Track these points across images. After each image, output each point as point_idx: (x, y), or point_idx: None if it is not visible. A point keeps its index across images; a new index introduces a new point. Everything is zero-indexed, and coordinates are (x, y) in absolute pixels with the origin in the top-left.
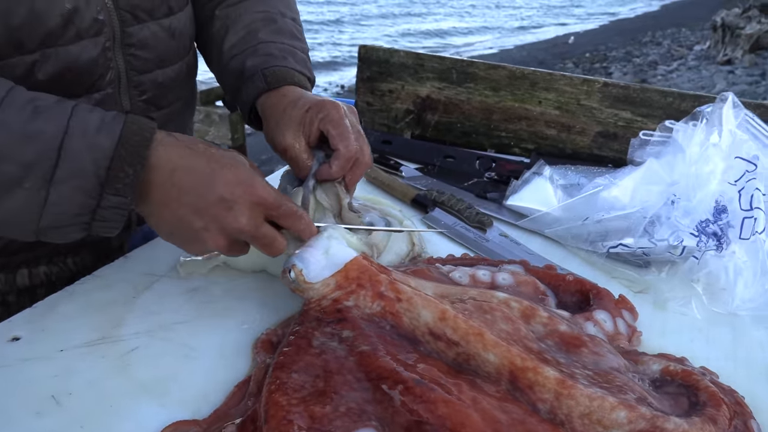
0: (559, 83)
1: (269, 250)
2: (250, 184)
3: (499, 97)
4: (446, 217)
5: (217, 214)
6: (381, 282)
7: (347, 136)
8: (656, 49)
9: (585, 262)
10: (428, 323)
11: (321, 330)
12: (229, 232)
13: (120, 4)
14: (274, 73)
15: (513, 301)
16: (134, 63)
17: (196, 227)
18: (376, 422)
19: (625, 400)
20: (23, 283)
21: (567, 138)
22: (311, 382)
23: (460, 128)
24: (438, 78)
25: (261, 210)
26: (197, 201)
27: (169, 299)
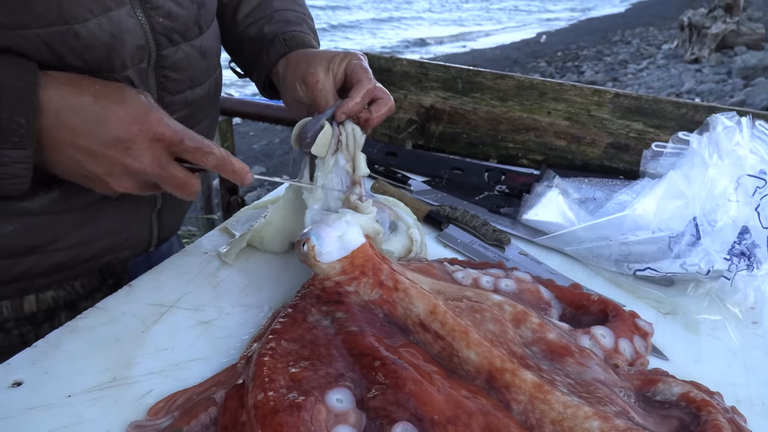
0: (569, 93)
1: (182, 191)
2: (146, 120)
3: (507, 107)
4: (462, 235)
5: (116, 157)
6: (382, 271)
7: (370, 75)
8: (626, 48)
9: (609, 282)
10: (420, 314)
11: (318, 308)
12: (133, 173)
13: (157, 28)
14: (293, 37)
15: (507, 304)
16: (166, 84)
17: (98, 172)
18: (350, 384)
19: (602, 411)
20: (30, 309)
21: (577, 149)
22: (298, 351)
23: (466, 139)
24: (443, 87)
25: (162, 147)
26: (92, 144)
27: (181, 333)
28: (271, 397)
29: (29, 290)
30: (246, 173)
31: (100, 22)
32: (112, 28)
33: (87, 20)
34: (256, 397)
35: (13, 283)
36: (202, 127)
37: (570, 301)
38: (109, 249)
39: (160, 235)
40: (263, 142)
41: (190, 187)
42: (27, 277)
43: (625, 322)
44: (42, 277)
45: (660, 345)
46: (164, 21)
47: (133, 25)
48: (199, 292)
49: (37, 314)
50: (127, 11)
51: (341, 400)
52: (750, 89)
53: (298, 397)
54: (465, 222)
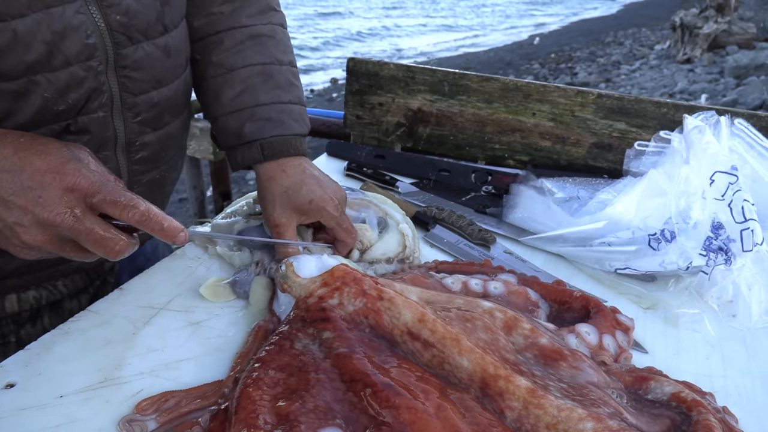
0: (553, 95)
1: (102, 249)
2: (61, 170)
3: (493, 109)
4: (448, 235)
5: (26, 206)
6: (364, 281)
7: (350, 230)
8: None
9: (591, 279)
10: (407, 323)
11: (304, 331)
12: (43, 224)
13: (113, 26)
14: (271, 144)
15: (498, 311)
16: (128, 85)
17: (9, 222)
18: (341, 421)
19: (595, 413)
20: (12, 309)
21: (562, 149)
22: (285, 380)
23: (453, 141)
24: (429, 90)
25: (77, 197)
26: (3, 192)
27: (171, 334)
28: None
29: (8, 290)
30: (177, 232)
31: (38, 17)
32: (54, 25)
33: (24, 16)
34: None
35: None
36: (172, 128)
37: (554, 297)
38: None
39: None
40: None
41: (111, 243)
42: (1, 277)
43: (606, 317)
44: (14, 278)
45: (641, 339)
46: (121, 18)
47: (80, 22)
48: (189, 294)
49: (21, 314)
50: (76, 8)
51: None
52: (742, 88)
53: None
54: (451, 222)
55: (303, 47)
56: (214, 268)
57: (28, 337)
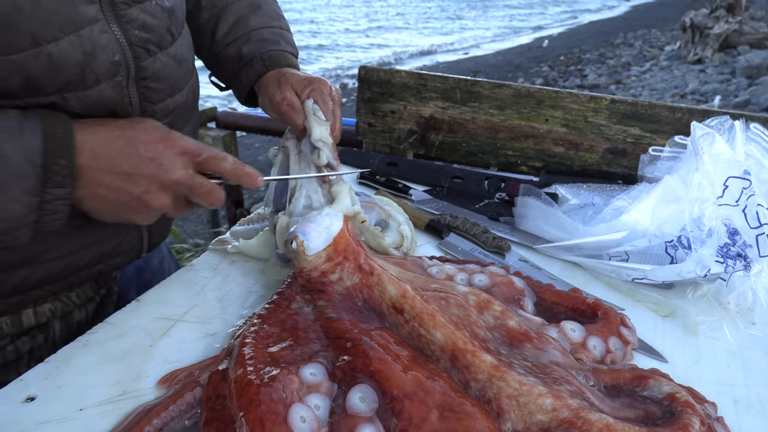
0: (566, 101)
1: (208, 198)
2: (168, 138)
3: (505, 115)
4: (462, 243)
5: (151, 173)
6: (360, 255)
7: (326, 108)
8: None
9: (608, 286)
10: (392, 297)
11: (302, 296)
12: (168, 186)
13: (133, 41)
14: (270, 57)
15: (471, 294)
16: (148, 95)
17: (137, 193)
18: (323, 360)
19: (555, 390)
20: (29, 323)
21: (575, 155)
22: (278, 333)
23: (466, 147)
24: (441, 97)
25: (188, 159)
26: (128, 168)
27: (188, 346)
28: (249, 372)
29: (26, 303)
30: (257, 175)
31: (71, 40)
32: (84, 46)
33: (58, 39)
34: (236, 372)
35: (9, 297)
36: (184, 132)
37: (567, 305)
38: (100, 257)
39: (151, 240)
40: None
41: (216, 192)
42: (22, 290)
43: (608, 323)
44: (37, 289)
45: (659, 347)
46: (140, 33)
47: (107, 41)
48: (206, 305)
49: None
50: (101, 27)
51: (314, 373)
52: (754, 88)
53: (273, 372)
54: (465, 230)
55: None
56: (230, 278)
57: (40, 348)
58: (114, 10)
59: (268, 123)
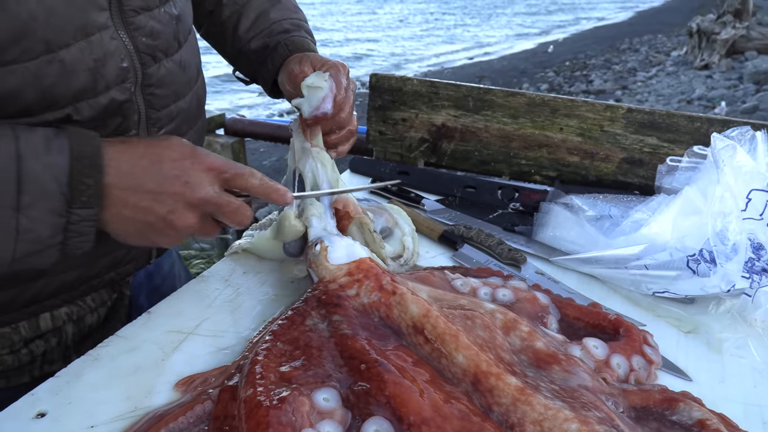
0: (581, 109)
1: (236, 217)
2: (195, 155)
3: (518, 124)
4: (477, 254)
5: (177, 192)
6: (383, 278)
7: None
8: (634, 56)
9: (627, 300)
10: (413, 317)
11: (317, 311)
12: (195, 205)
13: (140, 48)
14: (293, 41)
15: (499, 312)
16: (153, 101)
17: (162, 213)
18: (336, 383)
19: (583, 415)
20: (46, 327)
21: (590, 165)
22: (291, 352)
23: (478, 156)
24: (454, 106)
25: (215, 175)
26: (153, 186)
27: (200, 360)
28: (259, 392)
29: (41, 310)
30: (286, 192)
31: (81, 46)
32: (95, 52)
33: (70, 45)
34: (246, 392)
35: (26, 306)
36: (187, 137)
37: (588, 321)
38: (111, 265)
39: (159, 247)
40: (273, 158)
41: (244, 210)
42: (38, 300)
43: (630, 341)
44: (52, 298)
45: (683, 365)
46: (147, 40)
47: (115, 47)
48: (218, 318)
49: (65, 326)
50: (110, 34)
51: (328, 399)
52: (762, 94)
53: (283, 393)
54: (480, 241)
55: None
56: (242, 290)
57: (52, 351)
58: (123, 18)
59: (277, 130)
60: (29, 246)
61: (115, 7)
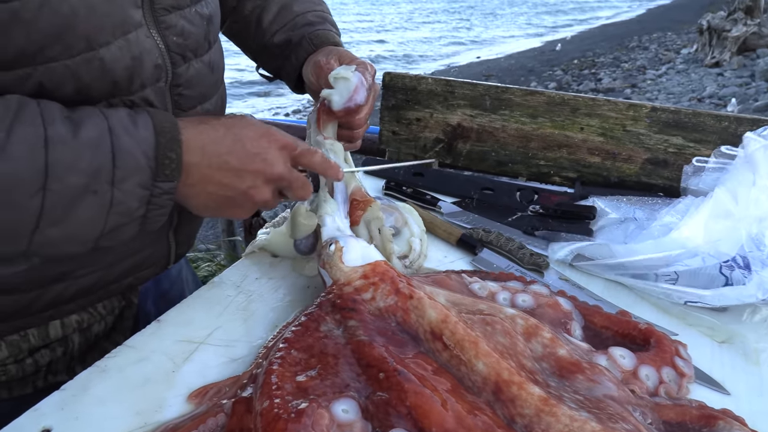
0: (603, 108)
1: (304, 192)
2: (270, 133)
3: (537, 123)
4: (497, 259)
5: (258, 169)
6: (400, 281)
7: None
8: (644, 54)
9: (656, 308)
10: (431, 322)
11: (332, 316)
12: (272, 181)
13: (171, 47)
14: (317, 35)
15: (519, 317)
16: (180, 102)
17: (243, 188)
18: (355, 393)
19: (611, 428)
20: (56, 335)
21: (612, 166)
22: (307, 360)
23: (495, 157)
24: (470, 105)
25: (287, 153)
26: (237, 164)
27: (213, 372)
28: (276, 404)
29: (55, 316)
30: (339, 168)
31: (120, 44)
32: (132, 50)
33: (109, 44)
34: (263, 404)
35: (42, 311)
36: None
37: (617, 330)
38: (130, 270)
39: (177, 251)
40: None
41: (309, 186)
42: (55, 305)
43: (661, 352)
44: (68, 303)
45: (719, 378)
46: (178, 39)
47: (150, 46)
48: (230, 327)
49: (72, 336)
50: (144, 32)
51: (347, 410)
52: None
53: (301, 405)
54: (500, 246)
55: None
56: (254, 297)
57: (57, 361)
58: (154, 16)
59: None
60: (118, 219)
61: (147, 4)
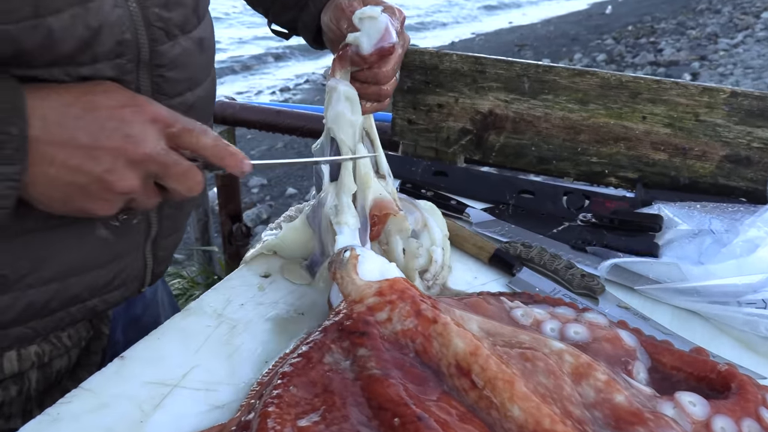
0: (670, 93)
1: (185, 182)
2: (136, 102)
3: (588, 111)
4: (540, 281)
5: (117, 147)
6: (422, 303)
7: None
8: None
9: (739, 343)
10: (457, 354)
11: (339, 344)
12: (137, 162)
13: (151, 19)
14: None
15: (569, 353)
16: (163, 86)
17: (98, 172)
18: None
19: None
20: (11, 370)
21: (682, 164)
22: (309, 400)
23: (535, 152)
24: (504, 88)
25: (160, 128)
26: (87, 140)
27: (191, 421)
28: None
29: (10, 343)
30: (242, 158)
31: (75, 12)
32: (89, 21)
33: (61, 11)
34: None
35: None
36: None
37: (691, 371)
38: (96, 287)
39: (155, 269)
40: (263, 147)
41: (194, 174)
42: (3, 326)
43: (743, 400)
44: (18, 325)
45: None
46: (160, 11)
47: (117, 17)
48: (210, 365)
49: (28, 373)
50: (113, 1)
51: None
52: None
53: None
54: (543, 264)
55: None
56: (240, 327)
57: (11, 403)
58: None
59: (277, 117)
60: None
61: None
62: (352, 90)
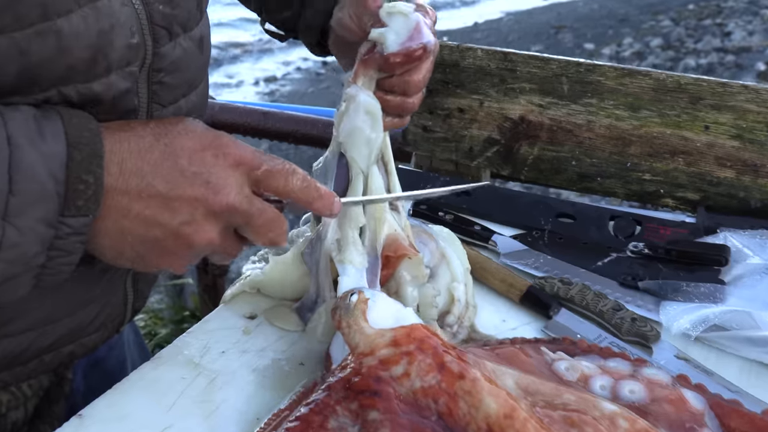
0: (738, 98)
1: (271, 232)
2: (217, 145)
3: (640, 119)
4: (582, 326)
5: (196, 196)
6: (446, 354)
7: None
8: None
9: None
10: (489, 417)
11: (345, 405)
12: (217, 214)
13: (155, 19)
14: None
15: (623, 418)
16: (160, 93)
17: (175, 224)
18: None
19: None
20: None
21: (753, 184)
22: None
23: (576, 167)
24: (539, 90)
25: (244, 172)
26: (164, 188)
27: None
28: None
29: None
30: (333, 197)
31: (85, 13)
32: (101, 23)
33: (71, 12)
34: None
35: None
36: None
37: None
38: (72, 333)
39: (135, 303)
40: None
41: (280, 223)
42: None
43: None
44: None
45: None
46: (164, 8)
47: (126, 17)
48: (186, 426)
49: None
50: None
51: None
52: None
53: None
54: (585, 305)
55: None
56: (220, 380)
57: None
58: None
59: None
60: (8, 269)
61: None
62: (375, 102)
